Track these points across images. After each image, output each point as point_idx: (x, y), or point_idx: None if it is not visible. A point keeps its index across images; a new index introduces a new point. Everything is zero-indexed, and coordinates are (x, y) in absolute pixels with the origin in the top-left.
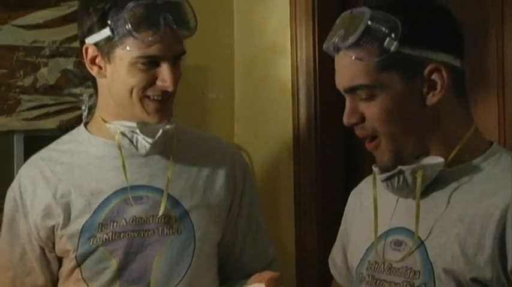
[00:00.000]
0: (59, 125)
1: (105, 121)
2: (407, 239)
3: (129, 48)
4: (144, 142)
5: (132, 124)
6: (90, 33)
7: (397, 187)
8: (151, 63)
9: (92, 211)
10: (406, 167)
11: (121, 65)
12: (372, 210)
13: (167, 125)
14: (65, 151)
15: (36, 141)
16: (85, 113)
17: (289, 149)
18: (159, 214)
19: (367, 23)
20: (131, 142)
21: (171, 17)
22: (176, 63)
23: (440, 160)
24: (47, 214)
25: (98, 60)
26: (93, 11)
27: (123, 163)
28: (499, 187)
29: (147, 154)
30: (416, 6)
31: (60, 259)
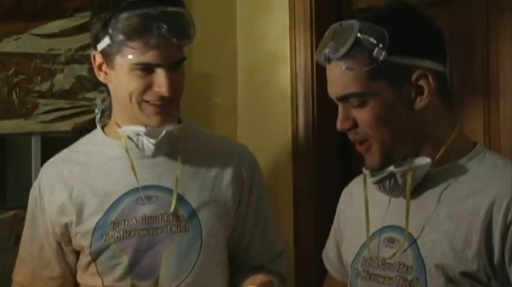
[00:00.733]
0: (74, 127)
1: (118, 125)
2: (399, 237)
3: (126, 56)
4: (148, 143)
5: (142, 128)
6: (96, 41)
7: (389, 188)
8: (147, 70)
9: (105, 210)
10: (397, 169)
11: (122, 71)
12: (364, 209)
13: (170, 126)
14: (83, 151)
15: (52, 143)
16: (98, 117)
17: (289, 151)
18: (170, 211)
19: (357, 34)
20: (137, 145)
21: (166, 26)
22: (176, 70)
23: (427, 160)
24: (62, 212)
25: (104, 67)
26: (97, 20)
27: (131, 164)
28: (484, 185)
29: (154, 154)
30: (401, 17)
31: (77, 253)
